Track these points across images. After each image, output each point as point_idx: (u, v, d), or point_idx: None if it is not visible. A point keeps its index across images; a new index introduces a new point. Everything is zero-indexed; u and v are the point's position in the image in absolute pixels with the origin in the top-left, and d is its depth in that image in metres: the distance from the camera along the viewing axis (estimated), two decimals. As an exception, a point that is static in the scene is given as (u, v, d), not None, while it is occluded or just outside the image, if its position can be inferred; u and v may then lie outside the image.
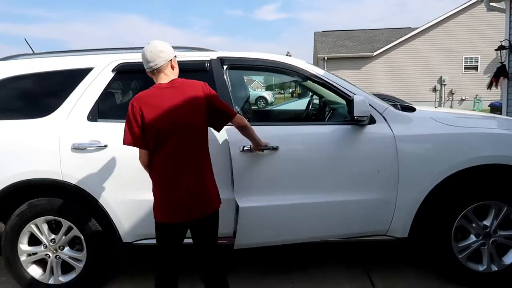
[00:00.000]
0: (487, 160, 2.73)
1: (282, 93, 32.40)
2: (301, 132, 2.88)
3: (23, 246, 2.91)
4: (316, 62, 26.18)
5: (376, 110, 2.83)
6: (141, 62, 2.97)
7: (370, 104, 2.74)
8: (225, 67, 2.93)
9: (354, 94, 2.79)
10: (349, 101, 2.77)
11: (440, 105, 20.15)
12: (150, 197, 2.76)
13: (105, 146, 2.78)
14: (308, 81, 3.17)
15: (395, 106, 3.15)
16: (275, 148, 2.72)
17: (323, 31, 24.47)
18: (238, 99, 3.35)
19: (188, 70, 2.94)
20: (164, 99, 2.15)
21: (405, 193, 2.76)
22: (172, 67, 2.27)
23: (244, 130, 2.46)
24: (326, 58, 20.95)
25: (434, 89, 20.48)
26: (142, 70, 2.99)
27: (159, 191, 2.19)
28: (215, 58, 2.94)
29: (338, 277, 3.10)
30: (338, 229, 2.85)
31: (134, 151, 2.80)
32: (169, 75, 2.25)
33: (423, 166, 2.73)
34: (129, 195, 2.80)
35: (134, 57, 2.97)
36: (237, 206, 2.72)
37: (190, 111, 2.15)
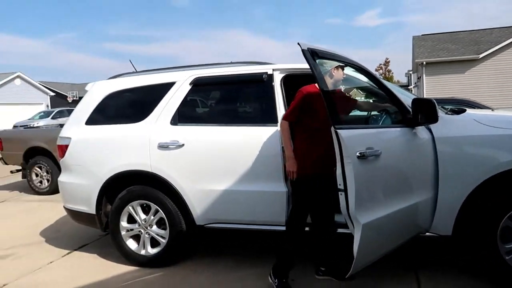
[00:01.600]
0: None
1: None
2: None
3: (123, 223, 3.71)
4: (415, 68, 24.95)
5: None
6: (213, 75, 3.61)
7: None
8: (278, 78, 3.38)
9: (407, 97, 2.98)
10: (399, 102, 2.96)
11: None
12: (219, 187, 3.36)
13: (183, 145, 3.44)
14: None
15: (444, 108, 3.26)
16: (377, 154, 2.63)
17: (422, 35, 23.29)
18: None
19: (247, 81, 3.50)
20: None
21: (445, 193, 2.87)
22: (330, 76, 2.86)
23: None
24: (424, 63, 19.93)
25: (556, 93, 18.08)
26: (213, 83, 3.67)
27: None
28: (271, 70, 3.41)
29: (385, 273, 3.30)
30: (413, 230, 2.95)
31: (205, 149, 3.43)
32: None
33: (461, 167, 2.82)
34: (201, 185, 3.41)
35: (207, 72, 3.60)
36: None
37: None
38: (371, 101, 3.58)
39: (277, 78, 3.39)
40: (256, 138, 3.27)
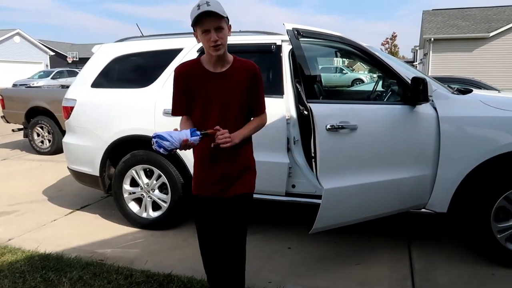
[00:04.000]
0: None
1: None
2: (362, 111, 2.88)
3: (126, 186, 3.78)
4: (422, 44, 24.57)
5: (425, 91, 2.98)
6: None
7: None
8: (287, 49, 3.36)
9: (410, 74, 2.97)
10: (402, 81, 2.97)
11: None
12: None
13: (188, 112, 3.45)
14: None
15: (450, 88, 3.26)
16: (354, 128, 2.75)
17: (432, 10, 22.82)
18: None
19: (255, 51, 3.48)
20: None
21: (445, 171, 2.92)
22: None
23: None
24: (432, 39, 19.61)
25: None
26: (221, 51, 3.62)
27: None
28: (280, 41, 3.38)
29: (379, 244, 3.41)
30: (395, 205, 3.00)
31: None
32: None
33: (463, 147, 2.86)
34: (204, 153, 3.45)
35: (215, 40, 3.56)
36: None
37: None
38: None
39: (286, 50, 3.37)
40: (261, 108, 3.27)
